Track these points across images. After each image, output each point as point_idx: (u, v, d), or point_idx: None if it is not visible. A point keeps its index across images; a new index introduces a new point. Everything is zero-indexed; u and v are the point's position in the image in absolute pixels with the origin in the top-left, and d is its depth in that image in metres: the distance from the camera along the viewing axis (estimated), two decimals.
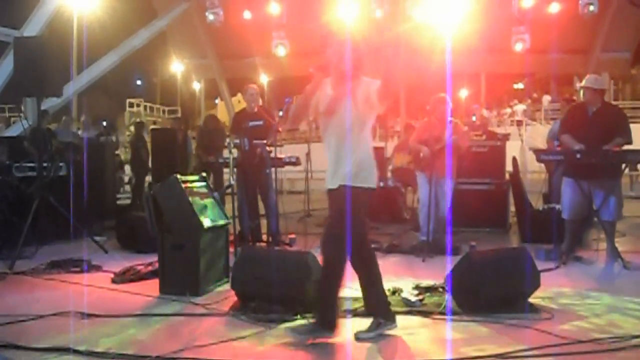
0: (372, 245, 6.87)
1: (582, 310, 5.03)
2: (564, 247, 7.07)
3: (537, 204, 9.14)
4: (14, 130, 14.37)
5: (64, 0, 14.00)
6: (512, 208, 9.37)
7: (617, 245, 7.04)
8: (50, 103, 12.02)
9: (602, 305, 5.20)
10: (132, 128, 20.96)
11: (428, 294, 5.36)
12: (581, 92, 7.12)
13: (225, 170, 8.80)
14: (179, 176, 5.89)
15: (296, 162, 8.37)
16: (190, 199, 5.77)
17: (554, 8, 14.20)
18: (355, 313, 4.79)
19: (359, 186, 4.21)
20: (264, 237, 8.18)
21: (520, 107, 32.82)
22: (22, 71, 7.56)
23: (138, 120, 22.37)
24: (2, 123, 21.21)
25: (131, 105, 34.90)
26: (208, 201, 6.11)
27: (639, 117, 26.43)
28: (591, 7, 13.52)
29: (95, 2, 18.98)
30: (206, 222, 5.78)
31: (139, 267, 6.50)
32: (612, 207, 6.85)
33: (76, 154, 9.26)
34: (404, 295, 5.24)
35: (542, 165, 9.41)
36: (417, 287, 5.49)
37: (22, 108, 10.90)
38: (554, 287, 5.66)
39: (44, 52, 7.52)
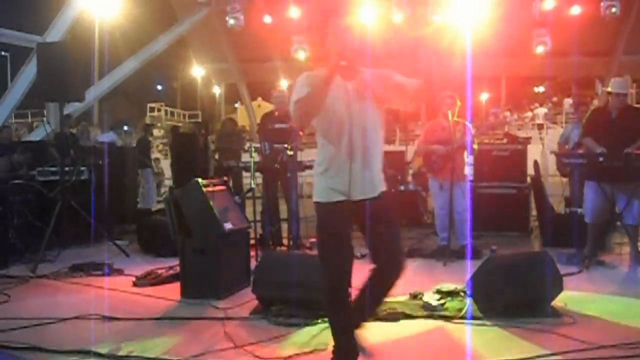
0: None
1: (605, 315, 4.98)
2: (587, 251, 7.00)
3: (559, 207, 9.07)
4: (36, 135, 14.54)
5: (85, 6, 14.12)
6: (534, 212, 9.30)
7: None
8: (72, 108, 12.14)
9: (625, 310, 5.15)
10: (154, 132, 21.12)
11: (449, 298, 5.32)
12: (609, 97, 7.04)
13: (245, 174, 8.83)
14: (200, 180, 5.92)
15: None
16: (211, 203, 5.79)
17: (575, 10, 14.13)
18: (377, 317, 4.78)
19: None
20: (285, 241, 8.18)
21: (541, 111, 32.60)
22: (45, 76, 7.63)
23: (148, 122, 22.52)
24: (24, 127, 21.45)
25: (152, 109, 35.19)
26: (229, 205, 6.13)
27: None
28: (613, 9, 13.44)
29: (117, 8, 19.12)
30: (227, 226, 5.80)
31: (160, 271, 6.53)
32: (635, 211, 6.78)
33: (97, 158, 9.33)
34: (425, 299, 5.21)
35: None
36: (438, 292, 5.45)
37: (45, 113, 11.02)
38: (576, 292, 5.60)
39: (66, 58, 7.58)
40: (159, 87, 51.68)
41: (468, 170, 7.47)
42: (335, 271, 3.61)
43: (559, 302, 5.10)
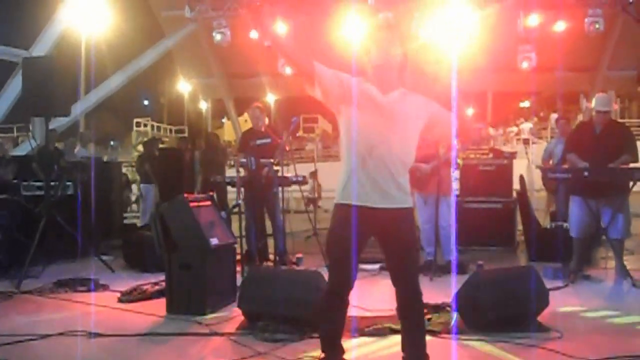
0: (380, 264, 6.90)
1: (591, 329, 5.00)
2: (573, 266, 7.04)
3: (545, 222, 9.11)
4: (21, 150, 14.47)
5: (72, 21, 14.12)
6: (520, 226, 9.34)
7: (625, 263, 7.00)
8: (57, 122, 12.09)
9: (612, 323, 5.17)
10: (140, 147, 21.00)
11: (436, 313, 5.32)
12: (593, 113, 7.10)
13: (231, 189, 8.81)
14: (186, 196, 5.91)
15: (303, 181, 8.38)
16: (197, 218, 5.78)
17: (560, 26, 14.25)
18: (362, 332, 4.78)
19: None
20: (271, 256, 8.17)
21: (526, 125, 32.85)
22: (31, 91, 7.60)
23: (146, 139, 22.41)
24: (9, 142, 21.31)
25: (138, 124, 35.05)
26: (215, 220, 6.11)
27: None
28: (597, 25, 13.57)
29: (103, 22, 19.12)
30: (213, 242, 5.78)
31: (146, 287, 6.49)
32: (620, 225, 6.83)
33: (83, 173, 9.28)
34: None
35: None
36: (424, 307, 5.44)
37: (30, 127, 10.97)
38: (562, 306, 5.63)
39: (52, 72, 7.56)
40: (146, 102, 51.61)
41: (454, 185, 7.50)
42: (336, 274, 3.64)
43: (545, 316, 5.12)
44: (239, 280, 5.96)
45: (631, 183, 6.75)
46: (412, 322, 3.68)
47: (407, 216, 3.64)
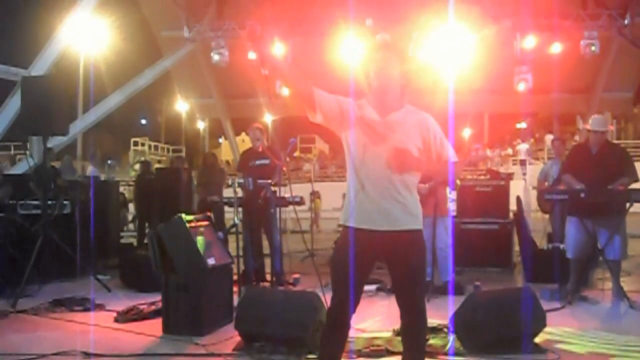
0: (377, 285, 6.89)
1: (589, 350, 4.99)
2: (570, 287, 7.04)
3: (542, 243, 9.12)
4: (19, 168, 14.46)
5: (71, 40, 14.17)
6: (517, 247, 9.34)
7: (622, 284, 7.01)
8: (55, 141, 12.09)
9: (609, 345, 5.16)
10: (137, 167, 21.03)
11: (432, 334, 5.31)
12: (589, 134, 7.13)
13: (228, 209, 8.80)
14: (183, 216, 5.91)
15: (300, 202, 8.39)
16: (194, 238, 5.78)
17: (556, 48, 14.39)
18: (359, 354, 4.77)
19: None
20: (268, 276, 8.15)
21: (523, 147, 32.90)
22: (29, 110, 7.62)
23: (143, 159, 22.46)
24: (6, 161, 21.30)
25: (136, 143, 35.07)
26: (212, 241, 6.11)
27: None
28: (593, 48, 13.72)
29: (102, 42, 19.21)
30: (210, 262, 5.78)
31: (142, 307, 6.47)
32: (617, 246, 6.84)
33: (81, 192, 9.28)
34: None
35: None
36: None
37: (28, 146, 10.97)
38: (559, 327, 5.62)
39: (51, 91, 7.59)
40: (144, 121, 51.77)
41: (451, 206, 7.51)
42: (335, 296, 3.56)
43: (542, 337, 5.11)
44: (235, 300, 5.94)
45: (628, 204, 6.78)
46: (415, 342, 3.64)
47: (415, 239, 3.59)
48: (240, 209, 7.62)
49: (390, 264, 3.60)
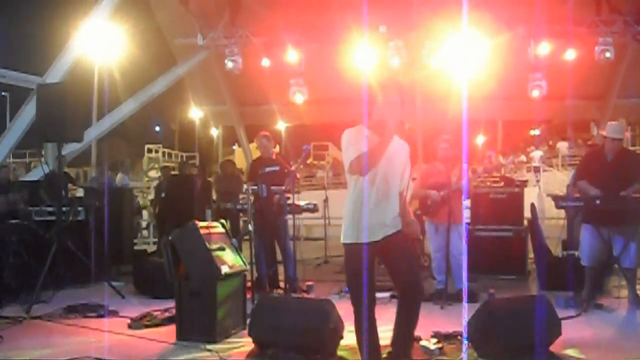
0: (390, 292, 6.87)
1: (604, 359, 4.94)
2: (585, 295, 6.98)
3: (556, 250, 9.06)
4: (34, 175, 14.54)
5: (85, 48, 14.24)
6: (531, 255, 9.28)
7: (638, 292, 6.94)
8: (70, 148, 12.15)
9: (625, 353, 5.11)
10: (151, 173, 21.08)
11: (447, 342, 5.29)
12: (605, 140, 7.07)
13: (243, 217, 8.80)
14: (197, 223, 5.92)
15: (314, 209, 8.38)
16: (208, 245, 5.78)
17: (570, 55, 14.30)
18: None
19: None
20: (281, 283, 8.15)
21: (537, 153, 32.72)
22: (44, 117, 7.67)
23: (164, 165, 22.51)
24: (21, 167, 21.43)
25: (149, 150, 35.18)
26: (226, 247, 6.11)
27: None
28: (607, 54, 13.63)
29: (117, 50, 19.28)
30: (224, 269, 5.78)
31: (156, 313, 6.49)
32: (632, 254, 6.78)
33: (96, 199, 9.32)
34: (422, 343, 5.17)
35: (562, 211, 9.34)
36: (435, 335, 5.42)
37: (43, 153, 11.03)
38: (575, 335, 5.57)
39: (65, 99, 7.64)
40: (157, 129, 51.85)
41: (465, 213, 7.47)
42: (360, 306, 4.14)
43: (557, 345, 5.07)
44: (249, 307, 5.94)
45: None
46: (411, 301, 4.25)
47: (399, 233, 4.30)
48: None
49: (385, 260, 4.34)
